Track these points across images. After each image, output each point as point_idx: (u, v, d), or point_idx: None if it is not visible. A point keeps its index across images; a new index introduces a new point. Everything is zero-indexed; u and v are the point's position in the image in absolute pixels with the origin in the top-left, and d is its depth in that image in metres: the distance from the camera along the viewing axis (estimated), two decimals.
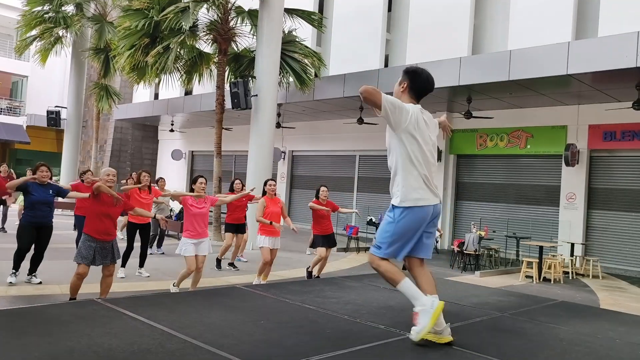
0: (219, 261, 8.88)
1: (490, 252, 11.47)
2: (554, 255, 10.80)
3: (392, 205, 3.24)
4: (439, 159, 14.87)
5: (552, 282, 9.92)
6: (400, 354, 3.04)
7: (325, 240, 7.86)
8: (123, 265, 7.62)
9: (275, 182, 7.44)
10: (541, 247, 10.33)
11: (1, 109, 27.46)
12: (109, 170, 5.51)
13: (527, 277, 10.10)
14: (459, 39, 14.12)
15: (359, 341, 3.20)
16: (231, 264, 8.99)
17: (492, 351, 3.15)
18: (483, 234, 11.10)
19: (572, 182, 12.63)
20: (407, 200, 3.16)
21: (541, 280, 9.99)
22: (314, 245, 8.06)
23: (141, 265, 7.87)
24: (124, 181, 11.46)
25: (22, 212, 6.77)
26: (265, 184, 7.31)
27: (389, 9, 16.36)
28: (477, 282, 8.49)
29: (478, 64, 11.66)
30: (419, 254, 3.34)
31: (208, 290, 5.15)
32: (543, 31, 12.29)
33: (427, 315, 3.05)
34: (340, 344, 3.12)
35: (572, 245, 11.48)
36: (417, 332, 3.09)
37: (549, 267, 10.14)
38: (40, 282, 6.73)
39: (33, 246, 6.59)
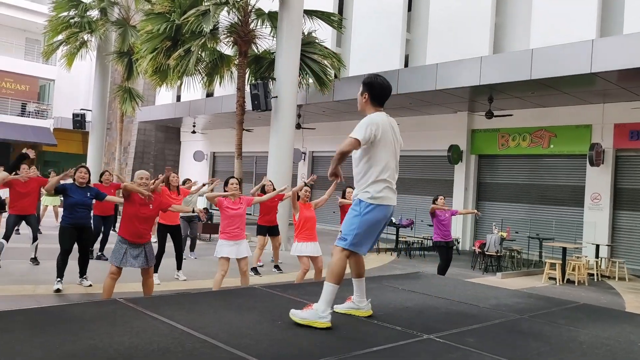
0: (255, 269, 8.61)
1: (512, 254, 11.33)
2: (578, 257, 10.61)
3: (360, 199, 3.49)
4: (461, 159, 14.74)
5: (576, 284, 9.75)
6: (417, 356, 3.04)
7: None
8: (155, 270, 7.48)
9: (310, 188, 7.21)
10: (564, 249, 10.16)
11: (29, 112, 28.16)
12: (142, 173, 5.53)
13: (550, 278, 9.95)
14: (479, 37, 13.99)
15: (375, 342, 3.20)
16: (276, 266, 9.00)
17: (508, 353, 3.13)
18: (505, 235, 10.97)
19: (597, 182, 12.39)
20: (376, 197, 3.44)
21: (565, 282, 9.83)
22: None
23: (179, 267, 7.79)
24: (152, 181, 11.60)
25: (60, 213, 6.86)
26: (299, 188, 7.06)
27: (409, 9, 16.29)
28: (498, 284, 8.40)
29: (499, 63, 11.53)
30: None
31: (226, 291, 5.21)
32: (566, 29, 12.10)
33: (312, 318, 3.36)
34: (357, 345, 3.13)
35: (597, 246, 11.26)
36: (294, 315, 3.44)
37: (573, 269, 9.97)
38: (91, 285, 6.76)
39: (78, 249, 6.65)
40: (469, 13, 14.29)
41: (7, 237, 7.83)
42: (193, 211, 6.52)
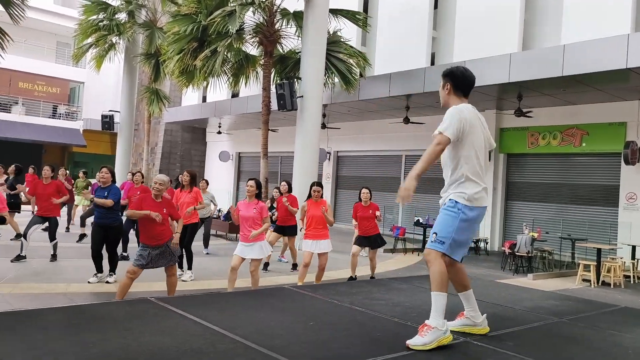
0: (266, 264, 8.84)
1: (544, 254, 11.05)
2: (613, 258, 10.29)
3: (455, 201, 3.19)
4: (489, 158, 14.47)
5: (611, 286, 9.45)
6: (453, 359, 2.95)
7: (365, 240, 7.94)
8: (189, 267, 7.74)
9: (322, 187, 7.27)
10: (599, 250, 9.87)
11: (60, 114, 28.79)
12: (158, 179, 5.55)
13: (584, 280, 9.67)
14: (508, 34, 13.70)
15: None
16: (294, 265, 9.03)
17: (549, 358, 3.02)
18: (536, 235, 10.71)
19: (633, 181, 11.99)
20: (473, 199, 3.17)
21: (600, 284, 9.54)
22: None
23: (188, 267, 7.80)
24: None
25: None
26: (310, 187, 7.19)
27: (435, 6, 16.08)
28: (530, 285, 8.18)
29: (529, 60, 11.26)
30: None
31: (257, 291, 5.19)
32: (599, 24, 11.75)
33: (435, 337, 3.01)
34: (391, 347, 3.06)
35: (634, 247, 10.89)
36: (415, 344, 3.02)
37: (608, 271, 9.66)
38: (116, 281, 6.82)
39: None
40: (497, 9, 14.02)
41: (25, 235, 7.98)
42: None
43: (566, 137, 13.24)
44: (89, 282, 6.86)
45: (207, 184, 10.15)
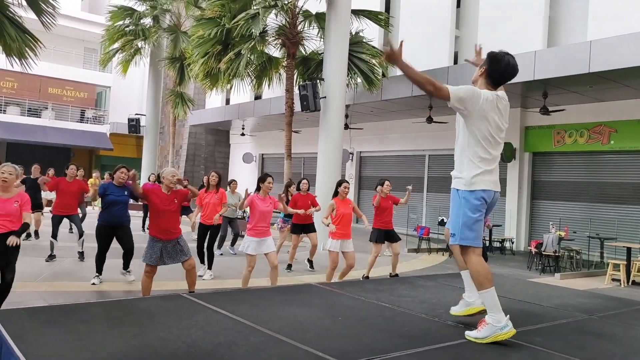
0: (290, 265, 8.82)
1: (571, 254, 10.90)
2: None
3: (456, 188, 3.27)
4: (514, 157, 14.34)
5: None
6: (481, 353, 2.98)
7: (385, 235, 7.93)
8: (202, 262, 7.83)
9: (349, 183, 7.18)
10: (629, 249, 9.69)
11: (88, 118, 29.45)
12: (172, 171, 5.61)
13: (613, 280, 9.51)
14: (532, 31, 13.55)
15: (437, 339, 3.17)
16: (309, 260, 9.03)
17: (579, 354, 3.02)
18: (563, 234, 10.57)
19: None
20: (472, 183, 3.18)
21: (630, 283, 9.38)
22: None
23: (206, 265, 7.89)
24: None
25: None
26: (339, 184, 7.03)
27: (458, 5, 15.99)
28: (557, 285, 8.11)
29: (554, 56, 11.12)
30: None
31: (285, 287, 5.28)
32: (626, 19, 11.54)
33: (492, 332, 3.05)
34: (419, 342, 3.10)
35: None
36: (473, 336, 3.10)
37: (638, 270, 9.49)
38: (134, 280, 6.89)
39: (120, 246, 6.82)
40: (521, 6, 13.87)
41: (54, 235, 8.22)
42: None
43: (593, 135, 13.02)
44: (96, 284, 6.76)
45: (237, 184, 10.31)
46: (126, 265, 7.04)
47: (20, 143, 25.17)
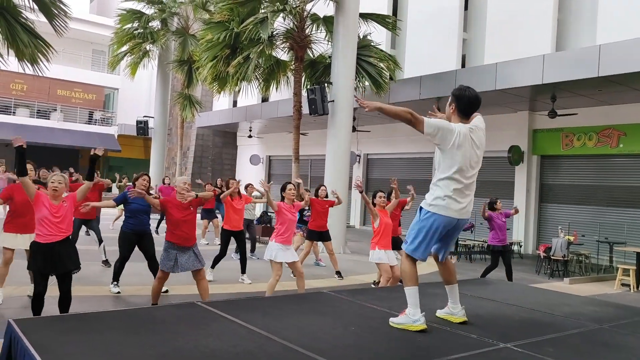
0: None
1: (580, 258, 10.88)
2: None
3: (421, 206, 3.68)
4: (522, 160, 14.32)
5: None
6: None
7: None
8: (212, 266, 7.82)
9: (384, 193, 6.85)
10: (638, 253, 9.66)
11: (96, 120, 29.65)
12: (185, 179, 5.70)
13: (623, 285, 9.48)
14: (541, 35, 13.54)
15: (451, 350, 3.20)
16: (338, 272, 8.77)
17: None
18: (572, 238, 10.55)
19: None
20: (433, 205, 3.57)
21: (639, 288, 9.35)
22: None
23: (243, 271, 7.89)
24: (204, 184, 11.85)
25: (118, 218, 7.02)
26: (374, 196, 6.74)
27: (466, 7, 15.99)
28: (566, 290, 8.11)
29: (563, 60, 11.12)
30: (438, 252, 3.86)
31: (297, 295, 5.32)
32: (636, 22, 11.51)
33: (406, 322, 3.54)
34: (433, 353, 3.14)
35: None
36: (392, 321, 3.64)
37: None
38: (167, 291, 6.68)
39: (143, 255, 6.75)
40: (530, 9, 13.86)
41: (74, 240, 8.28)
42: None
43: (602, 138, 12.99)
44: (117, 293, 6.72)
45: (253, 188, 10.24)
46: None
47: (29, 145, 25.35)
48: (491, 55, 14.34)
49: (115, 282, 6.83)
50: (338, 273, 8.82)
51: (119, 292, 6.76)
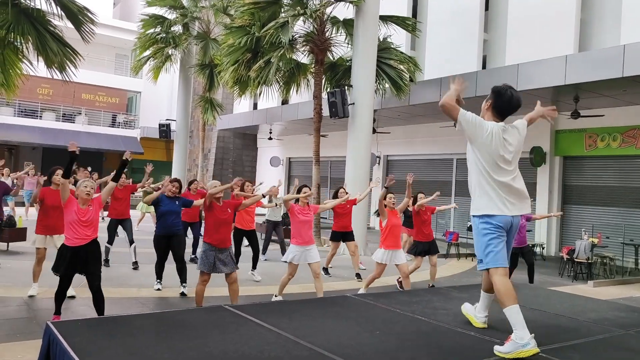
0: (325, 269, 8.96)
1: (605, 260, 10.75)
2: None
3: (472, 215, 3.57)
4: (544, 161, 14.19)
5: None
6: None
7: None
8: (253, 267, 8.12)
9: (393, 194, 7.03)
10: None
11: (119, 123, 30.19)
12: (215, 183, 5.90)
13: None
14: (563, 35, 13.39)
15: (477, 355, 3.24)
16: (357, 275, 8.84)
17: None
18: (596, 241, 10.43)
19: None
20: (480, 209, 3.48)
21: None
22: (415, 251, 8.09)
23: (254, 267, 8.16)
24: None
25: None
26: (384, 196, 6.82)
27: (486, 8, 15.88)
28: (590, 293, 8.04)
29: (587, 61, 10.98)
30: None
31: (321, 299, 5.40)
32: None
33: (515, 349, 3.15)
34: (458, 357, 3.18)
35: None
36: (497, 351, 3.25)
37: None
38: (185, 295, 6.88)
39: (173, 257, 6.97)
40: (552, 9, 13.72)
41: (110, 241, 8.56)
42: (276, 205, 6.76)
43: (627, 139, 12.80)
44: (158, 290, 7.08)
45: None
46: (183, 279, 6.98)
47: (55, 148, 25.97)
48: (512, 56, 14.23)
49: (158, 280, 7.15)
50: (358, 275, 8.87)
51: (159, 289, 7.06)
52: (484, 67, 15.55)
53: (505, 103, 3.52)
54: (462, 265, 11.43)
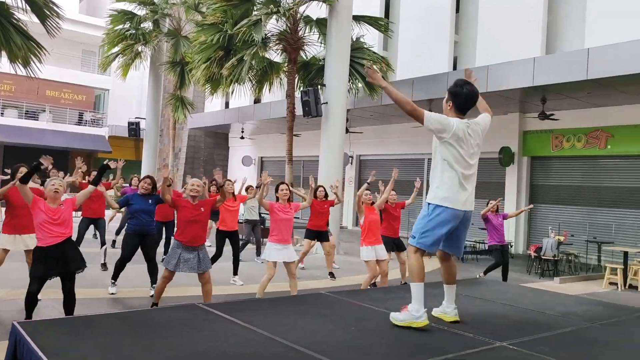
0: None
1: (570, 258, 11.07)
2: None
3: (427, 202, 3.75)
4: (512, 161, 14.50)
5: (639, 289, 9.44)
6: None
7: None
8: (234, 273, 7.94)
9: (370, 191, 7.13)
10: (626, 253, 9.86)
11: (86, 121, 29.47)
12: (196, 181, 5.78)
13: (611, 284, 9.67)
14: (531, 38, 13.73)
15: (449, 349, 3.28)
16: (330, 274, 8.86)
17: None
18: (562, 239, 10.73)
19: None
20: (438, 198, 3.65)
21: (627, 287, 9.54)
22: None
23: (235, 272, 7.95)
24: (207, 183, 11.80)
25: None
26: (361, 193, 7.03)
27: (457, 10, 16.15)
28: (556, 289, 8.25)
29: (553, 63, 11.29)
30: (448, 250, 3.90)
31: (296, 297, 5.38)
32: (623, 27, 11.72)
33: (408, 318, 3.58)
34: (431, 352, 3.22)
35: None
36: (393, 318, 3.68)
37: (635, 274, 9.66)
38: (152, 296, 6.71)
39: (143, 257, 6.77)
40: (520, 12, 14.05)
41: (78, 242, 8.32)
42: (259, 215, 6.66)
43: (591, 140, 13.20)
44: (112, 294, 6.76)
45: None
46: (154, 280, 6.74)
47: (18, 146, 25.17)
48: (482, 57, 14.52)
49: (113, 282, 6.86)
50: (331, 274, 8.89)
51: (113, 294, 6.78)
52: (454, 68, 15.79)
53: (463, 101, 3.74)
54: (435, 263, 11.56)
